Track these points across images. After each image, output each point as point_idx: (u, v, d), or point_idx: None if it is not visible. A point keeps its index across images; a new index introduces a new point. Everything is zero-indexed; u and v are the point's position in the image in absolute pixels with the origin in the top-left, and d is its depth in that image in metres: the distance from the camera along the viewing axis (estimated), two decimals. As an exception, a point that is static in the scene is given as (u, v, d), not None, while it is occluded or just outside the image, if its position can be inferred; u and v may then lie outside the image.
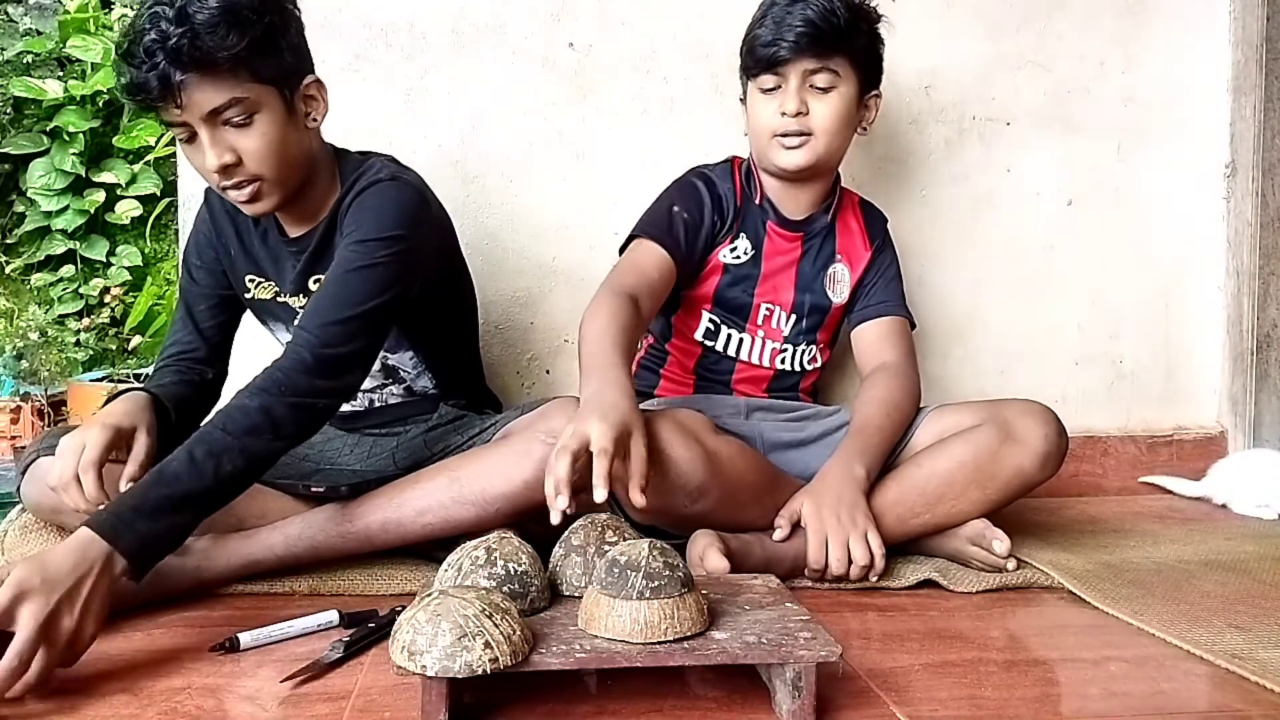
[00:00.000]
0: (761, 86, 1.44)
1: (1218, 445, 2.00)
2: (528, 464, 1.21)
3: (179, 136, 1.20)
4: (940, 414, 1.43)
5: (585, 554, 1.01)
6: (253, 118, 1.18)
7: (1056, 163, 1.94)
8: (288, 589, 1.24)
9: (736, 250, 1.49)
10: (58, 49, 3.90)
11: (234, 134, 1.17)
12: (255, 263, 1.39)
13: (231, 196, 1.23)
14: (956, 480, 1.32)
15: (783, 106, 1.41)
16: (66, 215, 3.78)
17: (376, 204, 1.26)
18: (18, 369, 3.50)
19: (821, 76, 1.41)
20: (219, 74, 1.14)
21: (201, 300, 1.41)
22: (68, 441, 1.14)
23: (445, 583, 0.94)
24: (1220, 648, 1.05)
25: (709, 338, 1.52)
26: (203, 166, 1.20)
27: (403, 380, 1.45)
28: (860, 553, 1.24)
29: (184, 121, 1.16)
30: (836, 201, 1.55)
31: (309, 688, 0.94)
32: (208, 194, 1.40)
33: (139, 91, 1.13)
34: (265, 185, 1.22)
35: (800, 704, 0.85)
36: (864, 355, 1.53)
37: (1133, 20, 1.95)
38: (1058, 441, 1.34)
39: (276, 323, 1.42)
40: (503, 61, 1.79)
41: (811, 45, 1.38)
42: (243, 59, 1.14)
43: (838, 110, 1.43)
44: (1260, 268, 1.95)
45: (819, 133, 1.42)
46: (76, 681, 0.95)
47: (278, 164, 1.21)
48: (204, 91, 1.14)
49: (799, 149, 1.43)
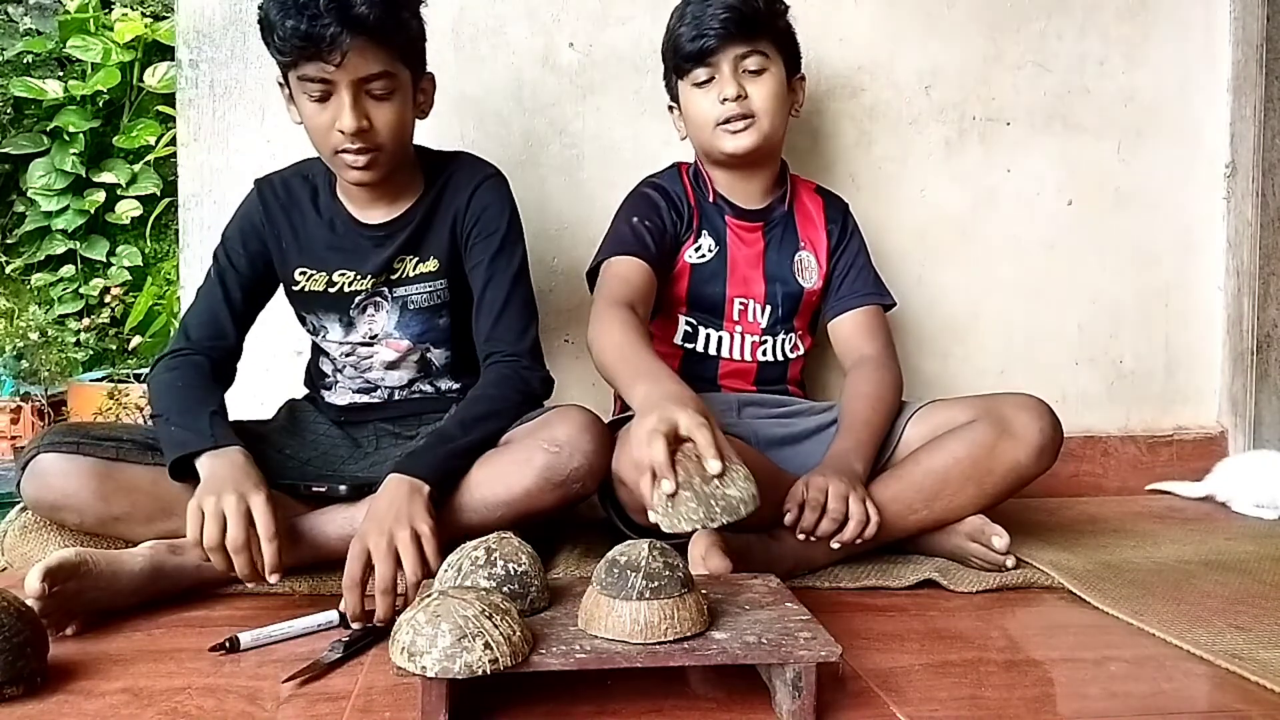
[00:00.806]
0: (694, 81, 1.47)
1: (1218, 445, 2.00)
2: (529, 471, 1.21)
3: (310, 94, 1.27)
4: (932, 410, 1.43)
5: (692, 486, 0.98)
6: (392, 94, 1.29)
7: (1056, 163, 1.94)
8: (288, 589, 1.24)
9: (701, 249, 1.51)
10: (58, 49, 3.90)
11: (372, 104, 1.28)
12: (311, 254, 1.41)
13: (346, 160, 1.30)
14: (953, 476, 1.32)
15: (722, 93, 1.44)
16: (67, 215, 3.78)
17: (501, 200, 1.42)
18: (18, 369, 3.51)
19: (752, 59, 1.44)
20: (380, 46, 1.25)
21: (238, 287, 1.42)
22: (229, 505, 1.13)
23: (445, 583, 0.94)
24: (1220, 648, 1.05)
25: (688, 340, 1.53)
26: (327, 125, 1.27)
27: (432, 377, 1.46)
28: (858, 509, 1.23)
29: (328, 79, 1.24)
30: (790, 190, 1.58)
31: (309, 688, 0.94)
32: (260, 185, 1.44)
33: (306, 41, 1.21)
34: (381, 157, 1.31)
35: (800, 704, 0.85)
36: (843, 348, 1.55)
37: (1133, 20, 1.95)
38: (1053, 435, 1.34)
39: (326, 314, 1.43)
40: (503, 61, 1.79)
41: (738, 29, 1.42)
42: (401, 39, 1.29)
43: (773, 90, 1.46)
44: (1260, 268, 1.95)
45: (760, 113, 1.45)
46: (77, 681, 0.95)
47: (397, 140, 1.32)
48: (364, 58, 1.24)
49: (744, 132, 1.45)
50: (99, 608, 1.11)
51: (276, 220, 1.42)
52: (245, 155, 1.74)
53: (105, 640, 1.07)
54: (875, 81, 1.88)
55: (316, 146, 1.34)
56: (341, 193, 1.42)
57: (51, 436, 1.24)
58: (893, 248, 1.86)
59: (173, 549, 1.20)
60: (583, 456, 1.22)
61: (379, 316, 1.42)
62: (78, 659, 1.00)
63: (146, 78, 3.78)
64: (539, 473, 1.21)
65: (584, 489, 1.25)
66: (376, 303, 1.42)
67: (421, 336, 1.43)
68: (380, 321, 1.42)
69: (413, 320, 1.42)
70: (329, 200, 1.43)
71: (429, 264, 1.41)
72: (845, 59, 1.86)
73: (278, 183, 1.44)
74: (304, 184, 1.44)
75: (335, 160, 1.32)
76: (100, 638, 1.07)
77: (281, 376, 1.65)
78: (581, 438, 1.23)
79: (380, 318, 1.42)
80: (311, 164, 1.45)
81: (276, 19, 1.23)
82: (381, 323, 1.42)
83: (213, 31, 1.74)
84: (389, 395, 1.47)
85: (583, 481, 1.23)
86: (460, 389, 1.47)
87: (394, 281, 1.41)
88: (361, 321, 1.43)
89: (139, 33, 3.76)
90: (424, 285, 1.41)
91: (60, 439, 1.23)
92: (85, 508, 1.22)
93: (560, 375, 1.82)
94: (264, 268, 1.43)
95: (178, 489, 1.23)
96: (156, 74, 3.77)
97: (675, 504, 0.98)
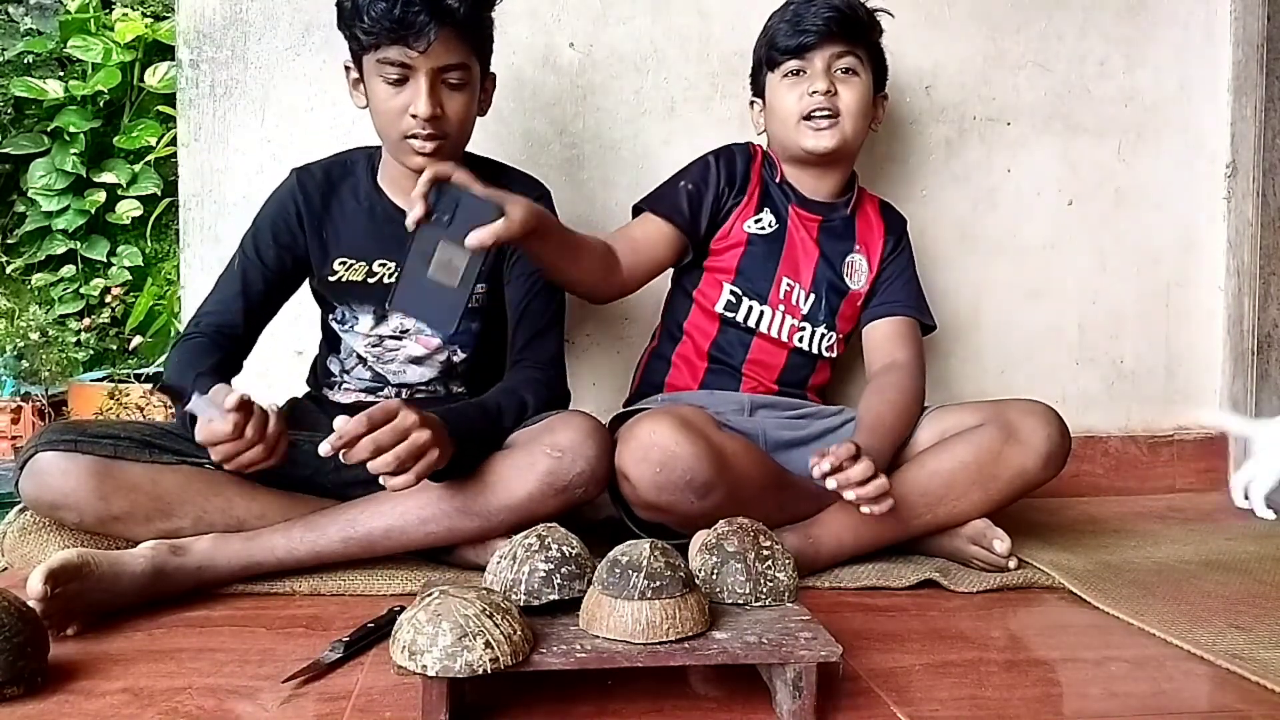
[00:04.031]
0: (785, 71, 1.49)
1: (1218, 445, 1.99)
2: (531, 477, 1.22)
3: (386, 77, 1.29)
4: (942, 414, 1.43)
5: (745, 560, 0.99)
6: (465, 85, 1.33)
7: (1057, 163, 1.94)
8: (288, 589, 1.24)
9: (761, 222, 1.53)
10: (58, 49, 3.90)
11: (446, 93, 1.31)
12: (350, 244, 1.41)
13: (414, 145, 1.31)
14: (959, 481, 1.32)
15: (812, 86, 1.46)
16: (67, 215, 3.77)
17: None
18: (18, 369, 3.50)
19: (847, 59, 1.47)
20: (463, 38, 1.30)
21: (261, 280, 1.40)
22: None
23: (500, 572, 0.96)
24: (1221, 648, 1.05)
25: (730, 309, 1.52)
26: (400, 109, 1.29)
27: (450, 380, 1.47)
28: (880, 479, 1.19)
29: (408, 64, 1.27)
30: (855, 196, 1.59)
31: (309, 688, 0.94)
32: (299, 172, 1.43)
33: (397, 25, 1.24)
34: (446, 146, 1.33)
35: (801, 704, 0.85)
36: (874, 352, 1.54)
37: (1133, 20, 1.95)
38: (1060, 442, 1.34)
39: (361, 305, 1.43)
40: (503, 61, 1.78)
41: (840, 28, 1.45)
42: (480, 35, 1.35)
43: (861, 94, 1.49)
44: (1261, 268, 1.95)
45: (846, 114, 1.47)
46: (77, 681, 0.95)
47: (463, 131, 1.36)
48: (447, 48, 1.28)
49: (827, 130, 1.47)
50: (100, 608, 1.11)
51: (316, 208, 1.41)
52: (246, 155, 1.74)
53: (106, 640, 1.07)
54: (876, 81, 1.88)
55: (382, 129, 1.35)
56: (386, 181, 1.42)
57: (49, 435, 1.24)
58: (893, 248, 1.86)
59: (174, 550, 1.20)
60: (585, 462, 1.22)
61: None
62: (78, 659, 1.00)
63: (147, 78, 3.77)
64: (541, 478, 1.21)
65: (586, 494, 1.25)
66: None
67: (453, 338, 1.43)
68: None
69: None
70: (369, 187, 1.43)
71: None
72: (846, 59, 1.86)
73: (318, 171, 1.44)
74: (342, 170, 1.44)
75: (401, 145, 1.32)
76: (101, 638, 1.07)
77: (282, 377, 1.65)
78: (585, 444, 1.23)
79: None
80: (350, 154, 1.46)
81: (365, 2, 1.25)
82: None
83: (213, 31, 1.74)
84: (397, 394, 1.46)
85: (585, 487, 1.23)
86: (470, 395, 1.46)
87: None
88: (395, 314, 1.42)
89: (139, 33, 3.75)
90: None
91: (58, 437, 1.23)
92: (84, 506, 1.22)
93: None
94: (292, 262, 1.42)
95: (177, 485, 1.24)
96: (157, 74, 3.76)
97: (725, 571, 1.00)
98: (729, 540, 1.01)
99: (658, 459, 1.21)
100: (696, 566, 1.00)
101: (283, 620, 1.14)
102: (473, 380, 1.47)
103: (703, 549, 1.02)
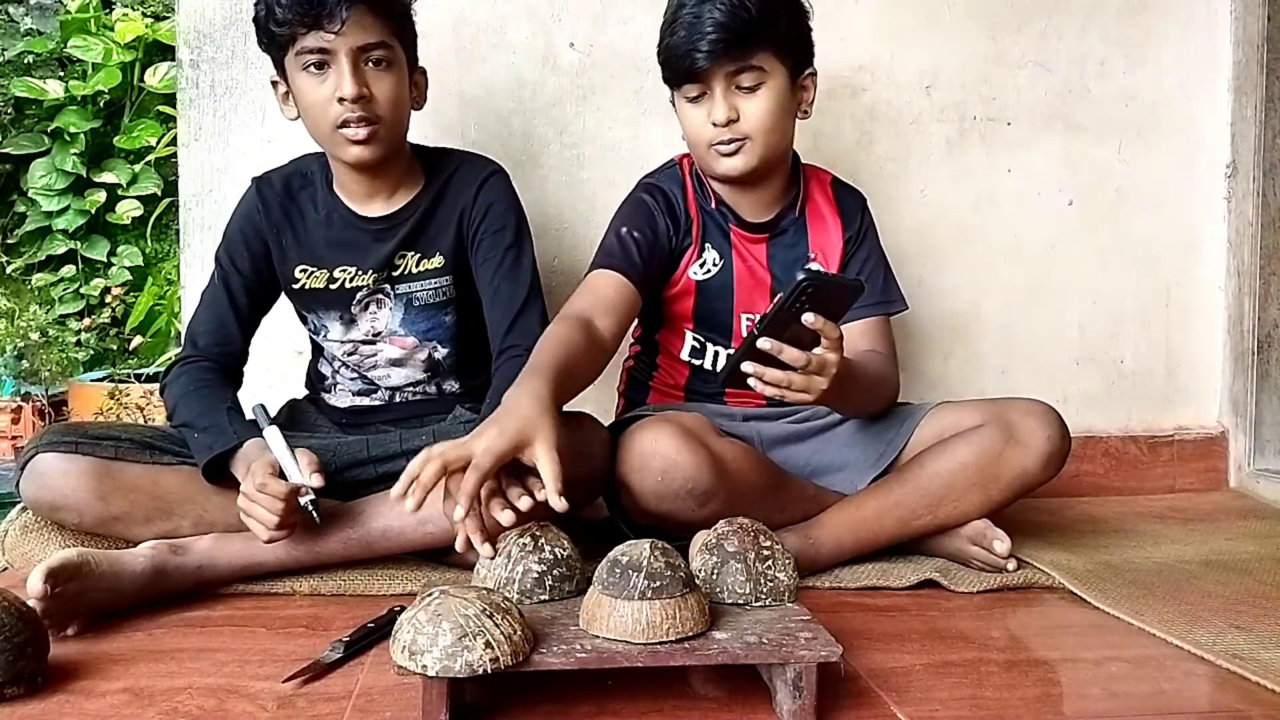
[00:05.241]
0: (686, 95, 1.37)
1: (1219, 445, 1.99)
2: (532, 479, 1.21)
3: (308, 65, 1.29)
4: (942, 412, 1.42)
5: (745, 560, 0.99)
6: (390, 66, 1.32)
7: (1057, 163, 1.94)
8: (289, 589, 1.24)
9: (705, 264, 1.45)
10: (59, 49, 3.90)
11: (372, 74, 1.30)
12: (310, 251, 1.41)
13: (347, 134, 1.30)
14: (959, 482, 1.31)
15: (711, 116, 1.34)
16: (67, 215, 3.77)
17: (507, 195, 1.43)
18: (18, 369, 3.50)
19: (745, 76, 1.33)
20: (379, 17, 1.29)
21: (243, 291, 1.41)
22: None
23: (495, 569, 0.98)
24: (1221, 648, 1.05)
25: (695, 356, 1.48)
26: (327, 97, 1.29)
27: (439, 378, 1.46)
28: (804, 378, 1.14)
29: (327, 48, 1.27)
30: (802, 192, 1.48)
31: (309, 688, 0.94)
32: (258, 182, 1.43)
33: (308, 8, 1.24)
34: (381, 130, 1.31)
35: (801, 704, 0.85)
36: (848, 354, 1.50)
37: (1133, 20, 1.95)
38: (1061, 442, 1.33)
39: (327, 311, 1.43)
40: (503, 61, 1.79)
41: (727, 49, 1.30)
42: (396, 11, 1.33)
43: (768, 108, 1.35)
44: (1261, 268, 1.94)
45: (754, 134, 1.35)
46: (77, 681, 0.95)
47: (395, 116, 1.33)
48: (362, 27, 1.27)
49: (737, 154, 1.36)
50: (101, 608, 1.11)
51: (276, 218, 1.41)
52: (246, 155, 1.74)
53: (106, 640, 1.07)
54: (876, 81, 1.88)
55: (314, 127, 1.33)
56: (339, 187, 1.42)
57: (50, 436, 1.24)
58: (893, 248, 1.84)
59: (174, 549, 1.20)
60: (585, 464, 1.21)
61: (381, 314, 1.42)
62: (78, 659, 1.00)
63: (147, 78, 3.77)
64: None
65: (586, 496, 1.25)
66: (379, 300, 1.42)
67: (428, 334, 1.43)
68: (383, 319, 1.42)
69: (418, 317, 1.42)
70: (326, 195, 1.42)
71: (434, 260, 1.41)
72: (846, 59, 1.86)
73: (276, 180, 1.44)
74: (301, 180, 1.43)
75: (334, 137, 1.31)
76: (101, 638, 1.07)
77: (282, 377, 1.65)
78: (585, 445, 1.22)
79: (383, 315, 1.42)
80: (307, 160, 1.45)
81: None
82: (385, 320, 1.42)
83: (213, 31, 1.74)
84: (390, 397, 1.46)
85: (585, 489, 1.23)
86: (464, 390, 1.46)
87: (396, 278, 1.41)
88: (363, 319, 1.42)
89: (140, 33, 3.75)
90: (429, 282, 1.41)
91: (58, 438, 1.23)
92: (84, 507, 1.22)
93: (561, 375, 1.83)
94: (267, 269, 1.43)
95: (177, 486, 1.24)
96: (157, 74, 3.76)
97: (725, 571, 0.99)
98: (729, 540, 1.01)
99: (659, 468, 1.20)
100: (696, 566, 1.01)
101: (283, 620, 1.14)
102: (463, 374, 1.47)
103: (703, 549, 1.02)
